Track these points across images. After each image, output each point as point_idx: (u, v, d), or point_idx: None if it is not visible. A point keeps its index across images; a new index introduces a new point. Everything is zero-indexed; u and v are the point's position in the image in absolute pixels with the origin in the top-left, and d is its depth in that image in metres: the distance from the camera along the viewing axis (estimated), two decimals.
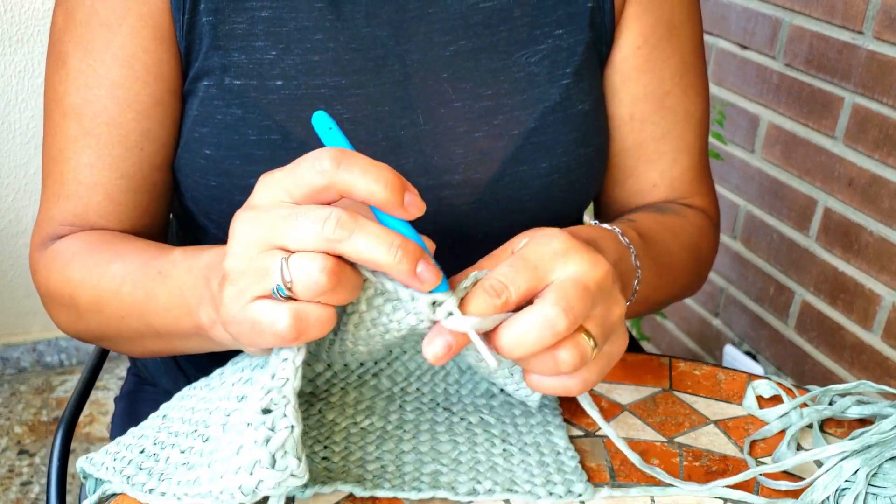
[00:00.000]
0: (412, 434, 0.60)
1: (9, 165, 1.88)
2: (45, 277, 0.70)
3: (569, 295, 0.48)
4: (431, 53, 0.70)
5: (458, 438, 0.59)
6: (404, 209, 0.47)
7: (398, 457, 0.58)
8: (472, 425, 0.61)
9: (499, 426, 0.61)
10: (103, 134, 0.68)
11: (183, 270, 0.58)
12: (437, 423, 0.61)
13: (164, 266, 0.61)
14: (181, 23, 0.66)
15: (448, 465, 0.57)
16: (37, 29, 1.79)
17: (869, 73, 1.34)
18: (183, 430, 0.56)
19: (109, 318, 0.65)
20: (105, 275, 0.64)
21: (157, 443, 0.57)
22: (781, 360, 1.62)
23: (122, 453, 0.57)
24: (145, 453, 0.56)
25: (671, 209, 0.77)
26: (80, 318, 0.68)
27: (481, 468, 0.57)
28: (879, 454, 0.56)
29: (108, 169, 0.68)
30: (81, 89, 0.67)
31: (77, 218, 0.69)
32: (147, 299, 0.61)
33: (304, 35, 0.67)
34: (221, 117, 0.67)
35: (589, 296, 0.49)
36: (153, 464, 0.55)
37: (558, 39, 0.72)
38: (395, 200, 0.46)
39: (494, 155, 0.70)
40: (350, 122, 0.68)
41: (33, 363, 2.07)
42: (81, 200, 0.69)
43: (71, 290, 0.67)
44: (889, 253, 1.35)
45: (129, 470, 0.55)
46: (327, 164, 0.46)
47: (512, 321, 0.49)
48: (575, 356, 0.49)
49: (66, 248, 0.68)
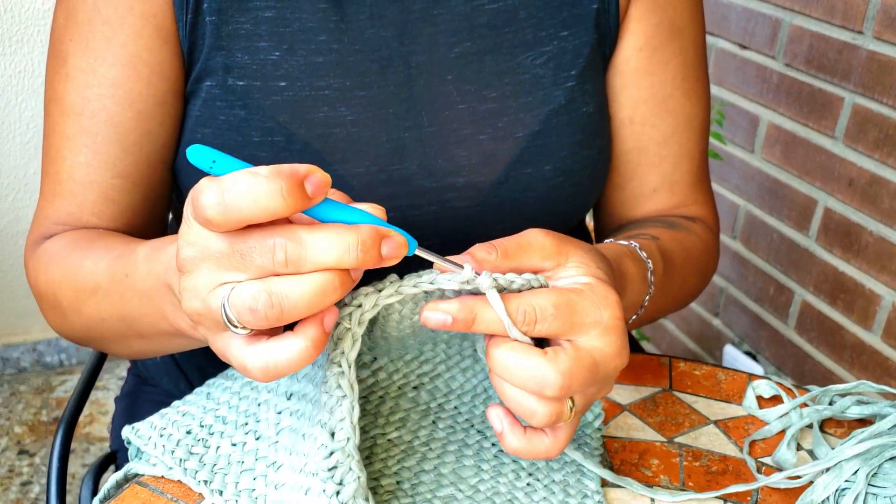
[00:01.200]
0: (437, 454, 0.59)
1: (9, 165, 1.88)
2: (34, 277, 0.69)
3: (577, 374, 0.48)
4: (436, 55, 0.69)
5: (483, 465, 0.58)
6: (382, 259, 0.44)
7: (416, 475, 0.57)
8: (502, 453, 0.59)
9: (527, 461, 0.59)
10: (101, 133, 0.67)
11: (144, 274, 0.56)
12: (467, 445, 0.60)
13: (128, 267, 0.58)
14: (184, 22, 0.66)
15: (465, 492, 0.56)
16: (37, 29, 1.79)
17: (869, 73, 1.34)
18: (231, 418, 0.58)
19: (90, 320, 0.64)
20: (80, 274, 0.63)
21: (203, 425, 0.58)
22: (781, 360, 1.62)
23: (169, 430, 0.58)
24: (192, 435, 0.57)
25: (681, 225, 0.77)
26: (65, 319, 0.67)
27: (498, 500, 0.56)
28: (879, 454, 0.56)
29: (104, 168, 0.68)
30: (81, 88, 0.67)
31: (71, 217, 0.69)
32: (121, 302, 0.59)
33: (308, 36, 0.67)
34: (224, 118, 0.67)
35: (593, 378, 0.49)
36: (203, 450, 0.56)
37: (563, 41, 0.71)
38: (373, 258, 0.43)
39: (499, 157, 0.70)
40: (354, 124, 0.68)
41: (33, 363, 2.07)
42: (76, 199, 0.69)
43: (54, 290, 0.66)
44: (889, 253, 1.35)
45: (179, 452, 0.56)
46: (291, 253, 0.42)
47: (518, 351, 0.48)
48: (551, 416, 0.49)
49: (50, 247, 0.68)
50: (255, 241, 0.42)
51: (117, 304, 0.60)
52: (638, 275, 0.62)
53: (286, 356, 0.43)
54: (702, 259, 0.77)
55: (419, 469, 0.57)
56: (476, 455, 0.59)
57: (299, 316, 0.43)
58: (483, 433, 0.61)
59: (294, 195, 0.40)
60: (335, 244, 0.42)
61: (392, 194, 0.68)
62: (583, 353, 0.48)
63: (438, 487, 0.56)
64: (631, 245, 0.65)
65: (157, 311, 0.55)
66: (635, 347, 1.00)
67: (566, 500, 0.56)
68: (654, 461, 0.60)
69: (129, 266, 0.58)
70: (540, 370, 0.47)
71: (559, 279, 0.51)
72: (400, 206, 0.69)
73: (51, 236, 0.70)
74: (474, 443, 0.60)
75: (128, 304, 0.58)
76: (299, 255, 0.41)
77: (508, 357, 0.48)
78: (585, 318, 0.49)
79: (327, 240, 0.42)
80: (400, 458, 0.58)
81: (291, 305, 0.42)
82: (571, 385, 0.47)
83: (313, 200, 0.41)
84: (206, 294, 0.44)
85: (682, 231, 0.75)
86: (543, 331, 0.48)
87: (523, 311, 0.48)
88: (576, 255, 0.51)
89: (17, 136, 1.87)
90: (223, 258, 0.43)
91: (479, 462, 0.58)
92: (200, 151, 0.42)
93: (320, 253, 0.41)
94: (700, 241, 0.77)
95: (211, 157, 0.42)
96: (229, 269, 0.43)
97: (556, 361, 0.47)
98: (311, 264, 0.42)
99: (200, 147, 0.42)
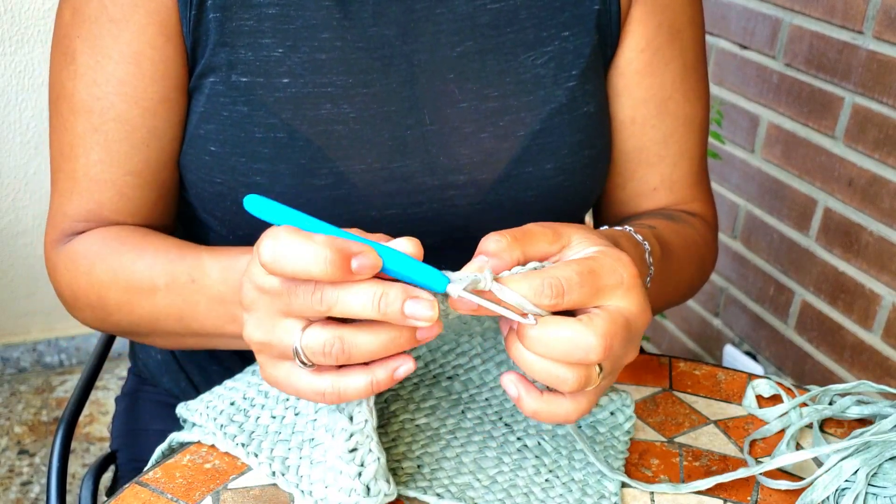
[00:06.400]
0: (461, 442, 0.59)
1: (9, 165, 1.88)
2: (67, 279, 0.70)
3: (616, 333, 0.48)
4: (438, 54, 0.70)
5: (504, 458, 0.58)
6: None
7: (438, 461, 0.57)
8: (526, 448, 0.59)
9: (553, 455, 0.59)
10: (111, 131, 0.68)
11: (219, 281, 0.61)
12: (492, 436, 0.60)
13: (195, 273, 0.62)
14: (188, 18, 0.66)
15: (482, 482, 0.56)
16: (37, 29, 1.79)
17: (869, 72, 1.34)
18: (273, 393, 0.61)
19: (142, 319, 0.66)
20: (133, 276, 0.65)
21: (246, 398, 0.61)
22: (781, 360, 1.62)
23: (215, 403, 0.61)
24: (235, 406, 0.60)
25: (680, 218, 0.77)
26: (108, 317, 0.69)
27: (514, 493, 0.56)
28: (879, 454, 0.56)
29: (116, 166, 0.69)
30: (90, 86, 0.67)
31: (91, 214, 0.70)
32: (185, 305, 0.63)
33: (312, 33, 0.67)
34: (227, 114, 0.67)
35: (627, 337, 0.49)
36: (243, 419, 0.59)
37: (565, 41, 0.72)
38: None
39: (500, 156, 0.70)
40: (356, 122, 0.68)
41: (33, 363, 2.07)
42: (94, 197, 0.69)
43: (98, 292, 0.67)
44: (889, 253, 1.35)
45: (221, 419, 0.59)
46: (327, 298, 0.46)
47: (554, 324, 0.48)
48: (580, 381, 0.49)
49: (87, 249, 0.68)
50: (302, 292, 0.47)
51: (179, 307, 0.63)
52: (636, 255, 0.62)
53: (354, 389, 0.49)
54: (700, 251, 0.77)
55: (441, 455, 0.58)
56: (499, 448, 0.59)
57: (366, 360, 0.48)
58: (510, 427, 0.61)
59: (336, 268, 0.45)
60: (363, 300, 0.46)
61: (393, 191, 0.69)
62: (615, 314, 0.49)
63: (457, 475, 0.57)
64: (626, 229, 0.65)
65: (228, 314, 0.61)
66: None
67: (583, 498, 0.56)
68: (655, 461, 0.60)
69: (195, 271, 0.62)
70: (581, 337, 0.47)
71: (567, 258, 0.51)
72: (401, 204, 0.69)
73: (74, 233, 0.70)
74: (499, 435, 0.60)
75: (193, 307, 0.63)
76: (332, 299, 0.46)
77: (545, 332, 0.48)
78: (608, 281, 0.49)
79: (355, 293, 0.46)
80: (424, 443, 0.59)
81: (360, 355, 0.47)
82: (613, 345, 0.48)
83: (355, 277, 0.45)
84: (267, 328, 0.49)
85: (680, 223, 0.76)
86: (573, 300, 0.48)
87: (549, 284, 0.48)
88: (576, 235, 0.52)
89: (17, 136, 1.87)
90: (276, 296, 0.48)
91: (501, 454, 0.59)
92: (259, 201, 0.47)
93: (348, 304, 0.46)
94: (698, 234, 0.78)
95: (270, 209, 0.47)
96: (282, 306, 0.48)
97: (594, 325, 0.48)
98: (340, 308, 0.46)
99: (257, 198, 0.47)
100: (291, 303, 0.47)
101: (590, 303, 0.49)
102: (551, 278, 0.48)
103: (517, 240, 0.50)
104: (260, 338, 0.49)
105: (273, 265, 0.45)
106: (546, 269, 0.49)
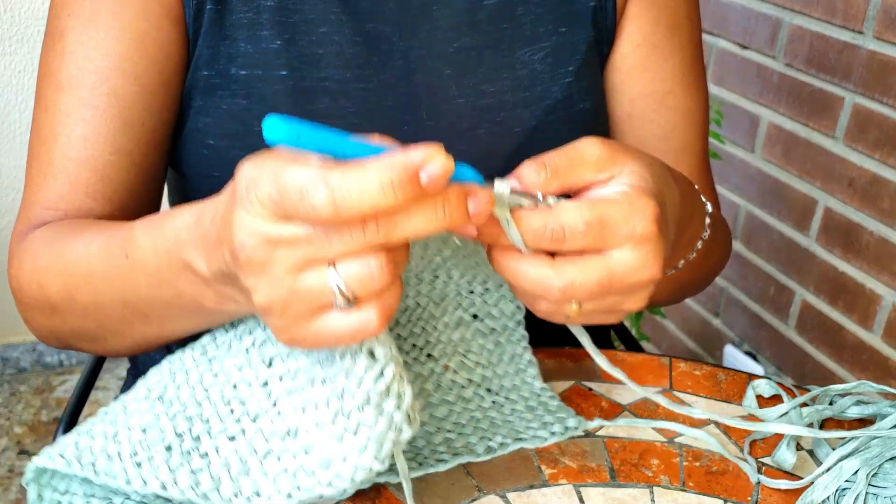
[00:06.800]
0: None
1: (9, 165, 1.88)
2: (16, 271, 0.65)
3: (584, 285, 0.46)
4: (435, 49, 0.70)
5: (448, 397, 0.61)
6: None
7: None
8: (456, 376, 0.62)
9: (479, 370, 0.62)
10: (102, 105, 0.65)
11: (149, 252, 0.52)
12: (425, 377, 0.60)
13: (127, 247, 0.54)
14: (191, 8, 0.66)
15: (454, 430, 0.58)
16: (37, 29, 1.79)
17: (869, 73, 1.34)
18: (208, 413, 0.51)
19: (86, 308, 0.59)
20: (69, 259, 0.59)
21: (180, 433, 0.49)
22: (781, 360, 1.62)
23: (139, 452, 0.48)
24: (178, 449, 0.49)
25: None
26: (54, 314, 0.62)
27: (483, 425, 0.59)
28: (879, 454, 0.56)
29: (102, 142, 0.66)
30: (80, 60, 0.65)
31: (63, 200, 0.65)
32: (124, 285, 0.55)
33: (309, 27, 0.67)
34: (226, 107, 0.67)
35: (604, 290, 0.47)
36: (202, 462, 0.48)
37: (561, 37, 0.72)
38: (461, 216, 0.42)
39: (496, 151, 0.70)
40: (354, 116, 0.68)
41: (33, 363, 2.07)
42: (69, 177, 0.65)
43: (39, 280, 0.61)
44: (889, 253, 1.35)
45: (165, 474, 0.47)
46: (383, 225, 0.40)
47: (524, 261, 0.46)
48: (550, 314, 0.48)
49: (35, 236, 0.64)
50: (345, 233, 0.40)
51: (118, 288, 0.56)
52: (697, 210, 0.59)
53: (395, 298, 0.43)
54: (726, 237, 0.77)
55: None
56: (437, 388, 0.61)
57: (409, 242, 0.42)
58: (432, 355, 0.61)
59: (406, 190, 0.38)
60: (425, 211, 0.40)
61: None
62: (597, 266, 0.46)
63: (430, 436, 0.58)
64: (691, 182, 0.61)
65: (171, 288, 0.51)
66: (635, 347, 1.00)
67: (528, 404, 0.61)
68: (655, 461, 0.60)
69: (127, 246, 0.54)
70: (544, 278, 0.46)
71: (610, 189, 0.48)
72: None
73: (41, 224, 0.65)
74: (429, 372, 0.61)
75: (133, 286, 0.54)
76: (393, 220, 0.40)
77: (511, 263, 0.47)
78: (617, 232, 0.46)
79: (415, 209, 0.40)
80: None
81: (402, 259, 0.42)
82: (575, 294, 0.46)
83: (429, 193, 0.39)
84: (289, 283, 0.41)
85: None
86: (573, 248, 0.46)
87: (551, 230, 0.45)
88: (632, 164, 0.49)
89: (17, 136, 1.87)
90: (304, 243, 0.40)
91: (444, 397, 0.61)
92: (278, 124, 0.38)
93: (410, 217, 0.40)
94: (722, 222, 0.76)
95: (294, 132, 0.38)
96: (312, 253, 0.41)
97: (560, 270, 0.46)
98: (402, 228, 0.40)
99: (277, 118, 0.38)
100: (331, 246, 0.40)
101: (593, 252, 0.47)
102: (554, 224, 0.45)
103: (557, 174, 0.47)
104: (280, 297, 0.42)
105: (335, 214, 0.38)
106: (555, 211, 0.46)
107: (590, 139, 0.49)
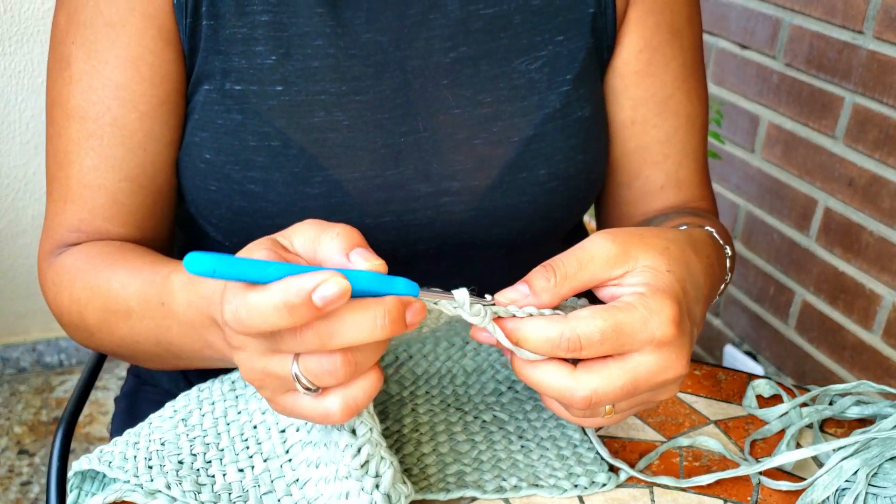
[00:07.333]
0: (429, 436, 0.60)
1: (9, 165, 1.88)
2: (53, 294, 0.69)
3: (609, 393, 0.47)
4: (432, 60, 0.69)
5: (475, 438, 0.60)
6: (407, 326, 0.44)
7: (420, 459, 0.58)
8: (487, 423, 0.61)
9: (513, 423, 0.61)
10: (106, 135, 0.67)
11: (185, 305, 0.56)
12: (452, 423, 0.61)
13: (164, 296, 0.59)
14: (184, 25, 0.66)
15: (471, 465, 0.57)
16: (37, 29, 1.79)
17: (869, 72, 1.34)
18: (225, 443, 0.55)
19: (122, 341, 0.65)
20: (109, 295, 0.63)
21: (195, 454, 0.54)
22: (781, 360, 1.62)
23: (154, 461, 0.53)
24: (189, 466, 0.53)
25: (707, 217, 0.76)
26: (91, 337, 0.68)
27: (504, 465, 0.57)
28: (879, 454, 0.56)
29: (111, 171, 0.68)
30: (85, 91, 0.67)
31: (83, 223, 0.69)
32: (159, 329, 0.60)
33: (305, 40, 0.67)
34: (221, 122, 0.67)
35: (629, 393, 0.48)
36: (208, 480, 0.52)
37: (559, 46, 0.72)
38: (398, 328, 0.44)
39: (493, 162, 0.70)
40: (350, 129, 0.68)
41: (33, 363, 2.07)
42: (87, 204, 0.68)
43: (79, 310, 0.66)
44: (889, 253, 1.35)
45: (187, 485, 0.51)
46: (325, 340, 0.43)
47: (543, 369, 0.48)
48: (581, 420, 0.50)
49: (70, 264, 0.67)
50: (287, 336, 0.43)
51: (154, 331, 0.60)
52: (720, 264, 0.60)
53: (364, 392, 0.45)
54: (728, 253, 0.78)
55: (419, 453, 0.58)
56: (465, 430, 0.60)
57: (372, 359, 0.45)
58: (462, 409, 0.62)
59: (301, 312, 0.41)
60: (362, 321, 0.42)
61: (387, 199, 0.69)
62: (618, 372, 0.47)
63: (445, 466, 0.57)
64: (707, 230, 0.62)
65: (201, 339, 0.56)
66: None
67: (561, 452, 0.58)
68: (655, 461, 0.60)
69: (164, 294, 0.58)
70: (566, 389, 0.47)
71: (625, 287, 0.49)
72: (395, 211, 0.69)
73: (65, 245, 0.69)
74: (458, 420, 0.61)
75: (167, 331, 0.59)
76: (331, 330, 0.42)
77: (533, 373, 0.48)
78: (636, 338, 0.47)
79: (353, 316, 0.42)
80: (397, 447, 0.59)
81: (364, 358, 0.44)
82: (600, 402, 0.47)
83: (326, 310, 0.41)
84: (261, 364, 0.45)
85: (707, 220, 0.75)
86: (591, 356, 0.47)
87: (567, 339, 0.46)
88: (644, 257, 0.49)
89: (17, 136, 1.87)
90: (263, 339, 0.44)
91: (470, 436, 0.60)
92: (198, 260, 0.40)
93: (349, 325, 0.42)
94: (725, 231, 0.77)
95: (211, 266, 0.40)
96: (272, 345, 0.44)
97: (581, 380, 0.47)
98: (341, 337, 0.43)
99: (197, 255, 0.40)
100: (286, 344, 0.43)
101: (613, 356, 0.48)
102: (570, 333, 0.46)
103: (567, 278, 0.48)
104: (257, 375, 0.46)
105: (241, 329, 0.42)
106: (571, 321, 0.47)
107: (601, 235, 0.50)
